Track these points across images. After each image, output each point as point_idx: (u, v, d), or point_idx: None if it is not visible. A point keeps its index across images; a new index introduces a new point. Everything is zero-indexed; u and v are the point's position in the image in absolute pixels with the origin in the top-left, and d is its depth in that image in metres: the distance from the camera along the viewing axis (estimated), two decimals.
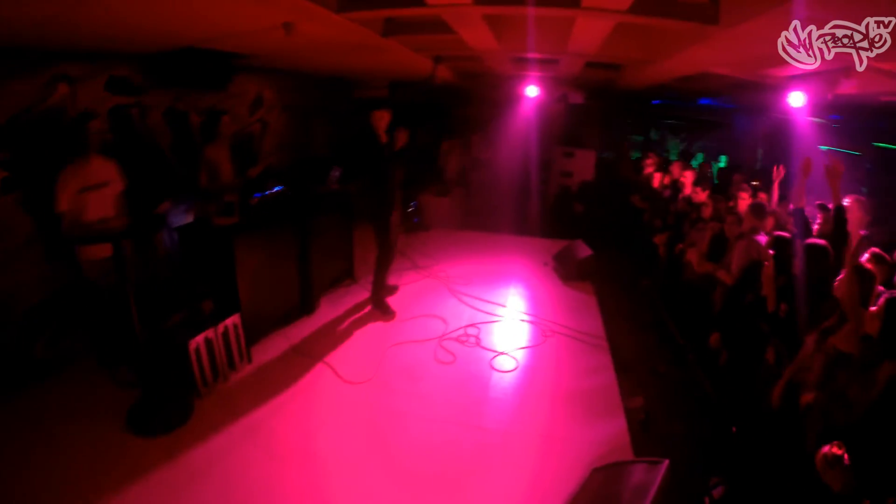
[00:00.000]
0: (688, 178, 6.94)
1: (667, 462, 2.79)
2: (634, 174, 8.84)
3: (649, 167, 8.36)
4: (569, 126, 10.01)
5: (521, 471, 3.45)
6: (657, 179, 7.84)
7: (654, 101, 9.83)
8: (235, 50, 5.00)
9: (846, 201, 4.60)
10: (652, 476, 2.77)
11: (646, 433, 3.86)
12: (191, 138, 5.65)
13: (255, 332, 4.74)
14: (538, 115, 9.75)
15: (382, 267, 5.63)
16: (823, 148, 8.36)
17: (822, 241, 3.78)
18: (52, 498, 3.05)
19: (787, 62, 4.89)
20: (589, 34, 4.84)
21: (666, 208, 6.97)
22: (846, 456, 2.45)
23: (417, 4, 3.90)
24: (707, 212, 6.04)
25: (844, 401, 2.78)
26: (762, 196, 5.91)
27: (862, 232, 4.53)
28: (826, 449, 2.52)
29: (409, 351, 4.90)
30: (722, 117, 10.01)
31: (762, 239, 4.74)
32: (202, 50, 4.77)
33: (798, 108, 6.39)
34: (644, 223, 7.52)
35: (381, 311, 5.60)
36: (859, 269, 3.25)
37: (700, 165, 8.21)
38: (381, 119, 5.31)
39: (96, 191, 4.08)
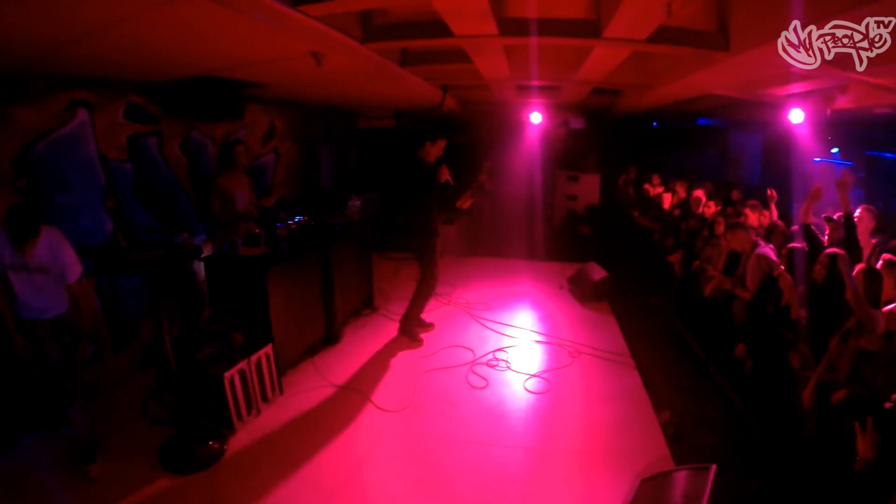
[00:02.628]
0: (701, 194, 7.05)
1: (714, 467, 2.85)
2: (638, 195, 8.97)
3: (656, 188, 8.49)
4: (571, 150, 10.16)
5: (572, 488, 3.43)
6: (667, 200, 7.95)
7: (654, 124, 10.04)
8: (254, 79, 5.03)
9: (857, 211, 4.76)
10: (701, 481, 2.84)
11: (677, 443, 3.90)
12: (208, 169, 5.66)
13: (285, 363, 4.66)
14: (541, 140, 9.88)
15: (423, 296, 5.62)
16: (817, 160, 8.60)
17: (840, 250, 3.92)
18: None
19: (788, 82, 5.09)
20: (602, 63, 4.95)
21: (677, 227, 7.06)
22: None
23: (444, 35, 3.96)
24: (720, 228, 6.12)
25: (873, 391, 2.99)
26: (764, 212, 6.07)
27: (873, 240, 4.69)
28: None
29: (442, 377, 4.85)
30: (719, 136, 10.24)
31: (771, 252, 4.85)
32: (216, 79, 4.78)
33: (797, 125, 6.57)
34: (654, 243, 7.61)
35: (410, 338, 5.58)
36: (868, 272, 3.51)
37: (705, 184, 8.34)
38: (437, 147, 5.38)
39: None
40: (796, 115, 6.46)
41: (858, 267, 3.63)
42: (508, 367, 5.03)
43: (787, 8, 2.88)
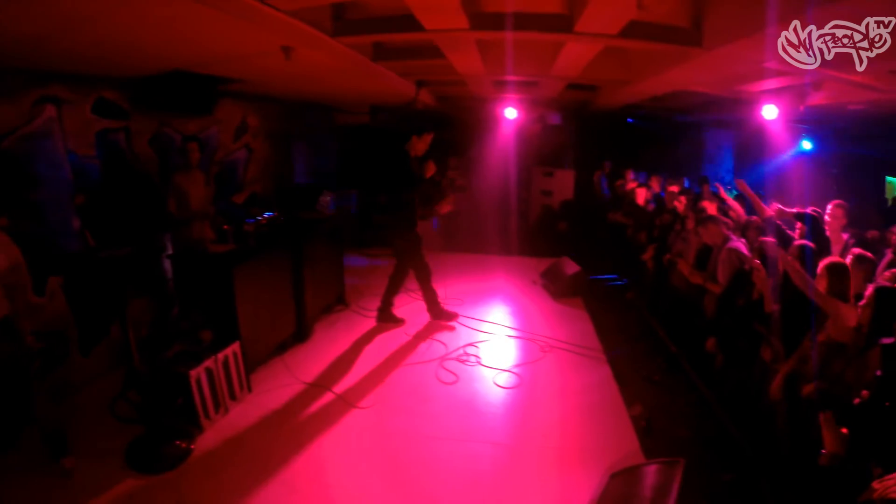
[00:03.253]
0: (675, 189, 7.13)
1: (683, 461, 2.89)
2: (611, 190, 9.05)
3: (630, 183, 8.56)
4: (547, 146, 10.21)
5: (541, 483, 3.44)
6: (641, 195, 8.02)
7: (629, 120, 10.12)
8: (228, 74, 4.97)
9: (829, 207, 4.84)
10: (670, 476, 2.86)
11: (649, 437, 3.93)
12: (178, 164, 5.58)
13: (253, 360, 4.62)
14: (517, 136, 9.92)
15: (395, 285, 5.87)
16: (791, 155, 8.77)
17: (810, 243, 3.98)
18: None
19: (762, 77, 5.16)
20: (576, 58, 4.97)
21: (651, 222, 7.13)
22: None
23: (415, 29, 3.95)
24: (691, 223, 6.19)
25: (842, 385, 2.99)
26: (735, 204, 6.15)
27: (845, 235, 4.75)
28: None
29: (412, 373, 4.86)
30: (694, 133, 10.36)
31: (742, 247, 4.91)
32: (189, 74, 4.71)
33: (771, 121, 6.67)
34: (627, 238, 7.68)
35: (389, 321, 5.81)
36: (830, 266, 3.49)
37: (679, 180, 8.43)
38: (423, 142, 5.56)
39: None
40: (770, 112, 6.55)
41: (824, 261, 3.62)
42: (479, 363, 5.04)
43: (760, 5, 2.92)
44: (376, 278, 7.05)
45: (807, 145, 8.81)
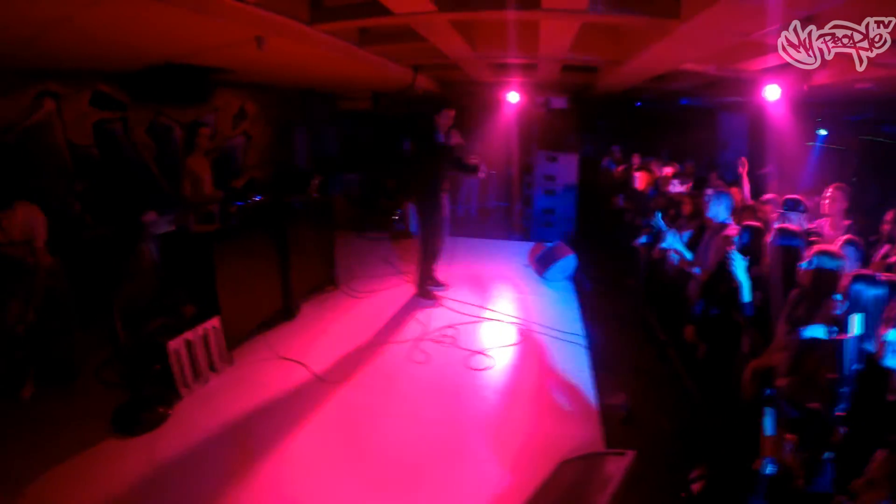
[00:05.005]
0: (667, 172, 7.03)
1: (632, 454, 2.79)
2: (616, 176, 8.96)
3: (634, 168, 8.47)
4: (552, 130, 10.13)
5: (494, 465, 3.50)
6: (641, 179, 7.94)
7: (636, 104, 9.97)
8: (214, 64, 5.17)
9: (828, 190, 4.67)
10: (619, 467, 2.78)
11: (627, 427, 3.91)
12: (175, 152, 5.84)
13: (237, 336, 4.86)
14: (521, 120, 9.90)
15: (426, 256, 6.14)
16: (810, 144, 8.48)
17: (794, 227, 3.82)
18: (33, 493, 3.16)
19: (756, 54, 5.02)
20: (556, 36, 4.96)
21: (647, 206, 7.06)
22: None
23: (385, 14, 4.04)
24: (687, 209, 6.11)
25: (814, 384, 2.81)
26: (734, 191, 5.99)
27: (846, 222, 4.54)
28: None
29: (387, 352, 5.00)
30: (706, 118, 10.11)
31: (733, 231, 4.81)
32: (181, 65, 4.93)
33: (776, 102, 6.45)
34: (626, 223, 7.63)
35: (424, 296, 6.18)
36: (820, 253, 3.22)
37: (685, 164, 8.29)
38: (444, 117, 5.89)
39: None
40: (772, 92, 6.32)
41: (814, 247, 3.40)
42: (454, 345, 5.13)
43: None
44: (372, 261, 7.25)
45: (823, 132, 8.50)
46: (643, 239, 6.55)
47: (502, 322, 5.68)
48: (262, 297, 5.26)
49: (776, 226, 3.95)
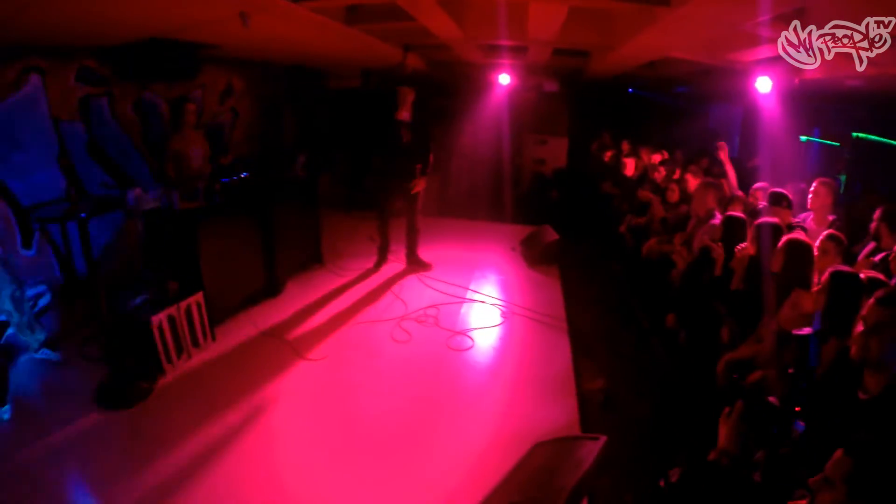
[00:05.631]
0: (655, 159, 7.07)
1: (604, 438, 2.79)
2: (606, 161, 9.00)
3: (624, 154, 8.51)
4: (542, 114, 10.13)
5: (469, 445, 3.53)
6: (630, 166, 7.98)
7: (629, 90, 9.96)
8: (199, 40, 5.12)
9: (813, 185, 4.66)
10: (590, 451, 2.78)
11: (606, 413, 3.94)
12: (162, 128, 5.81)
13: (220, 313, 4.90)
14: (511, 102, 9.89)
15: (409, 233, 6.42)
16: (803, 139, 8.48)
17: (774, 220, 3.84)
18: (15, 469, 3.19)
19: (746, 45, 5.03)
20: (545, 19, 4.94)
21: (634, 193, 7.13)
22: None
23: None
24: (673, 196, 6.18)
25: (789, 379, 2.80)
26: (722, 181, 6.03)
27: (830, 217, 4.55)
28: None
29: (368, 330, 5.06)
30: (699, 108, 10.11)
31: (717, 221, 4.84)
32: (167, 41, 4.88)
33: (767, 95, 6.45)
34: (614, 208, 7.69)
35: (420, 266, 6.40)
36: (789, 243, 3.29)
37: (676, 152, 8.30)
38: (406, 95, 5.90)
39: None
40: (763, 84, 6.33)
41: (785, 237, 3.49)
42: (436, 325, 5.19)
43: None
44: (358, 240, 7.27)
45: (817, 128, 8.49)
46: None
47: (485, 304, 5.73)
48: (247, 274, 5.30)
49: (757, 220, 3.94)
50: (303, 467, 3.32)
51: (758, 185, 5.44)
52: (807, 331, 2.82)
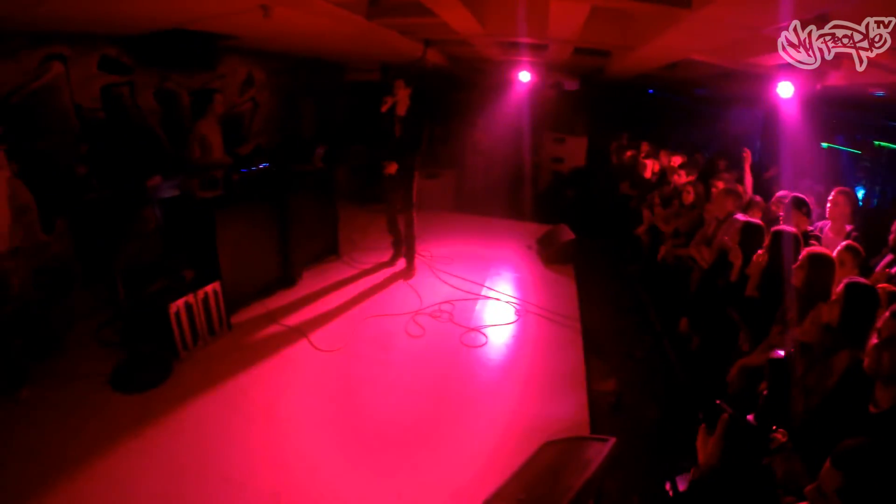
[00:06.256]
0: (675, 162, 7.00)
1: (613, 440, 2.79)
2: (623, 161, 8.93)
3: (643, 155, 8.43)
4: (561, 112, 10.06)
5: (478, 441, 3.54)
6: (649, 168, 7.92)
7: (649, 91, 9.87)
8: (221, 31, 5.17)
9: (831, 194, 4.59)
10: (599, 452, 2.77)
11: (616, 414, 3.93)
12: (181, 117, 5.86)
13: (236, 301, 4.94)
14: (531, 100, 9.81)
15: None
16: (825, 146, 8.34)
17: (792, 229, 3.75)
18: (28, 450, 3.26)
19: (769, 50, 4.97)
20: (567, 18, 4.92)
21: (652, 195, 7.06)
22: (790, 444, 2.43)
23: None
24: (689, 198, 6.12)
25: (803, 389, 2.75)
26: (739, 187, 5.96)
27: (848, 227, 4.45)
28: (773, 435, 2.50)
29: (382, 324, 5.08)
30: (720, 111, 9.98)
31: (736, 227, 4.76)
32: (189, 31, 4.94)
33: (789, 100, 6.35)
34: (631, 210, 7.63)
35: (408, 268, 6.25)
36: (811, 256, 3.19)
37: (695, 154, 8.22)
38: (398, 88, 5.80)
39: None
40: (785, 89, 6.22)
41: (806, 249, 3.37)
42: (450, 321, 5.19)
43: None
44: (373, 232, 7.28)
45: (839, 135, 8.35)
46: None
47: (500, 301, 5.72)
48: (263, 264, 5.34)
49: (774, 228, 3.86)
50: (312, 457, 3.34)
51: (780, 193, 5.36)
52: (777, 355, 2.80)
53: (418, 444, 3.52)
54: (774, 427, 2.48)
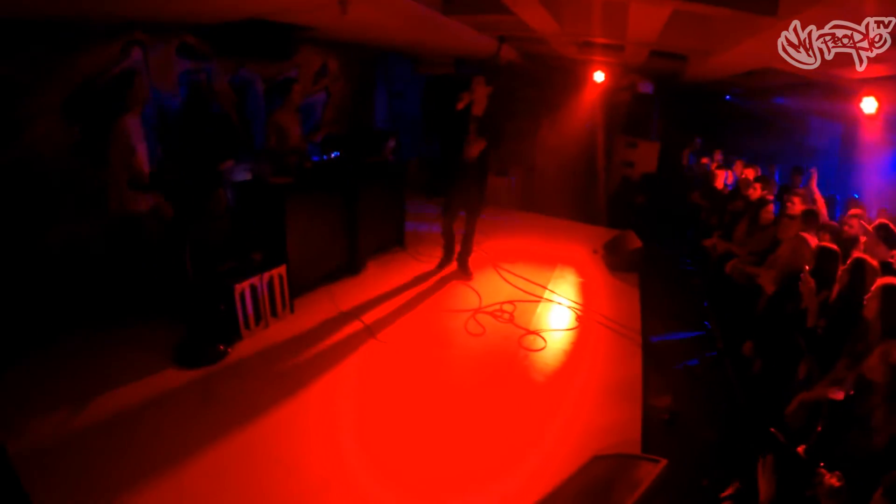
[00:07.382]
0: (749, 174, 6.69)
1: (664, 462, 2.69)
2: (696, 169, 8.61)
3: (715, 165, 8.11)
4: (634, 115, 9.77)
5: (528, 447, 3.48)
6: (720, 178, 7.61)
7: (726, 97, 9.45)
8: (297, 22, 5.29)
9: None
10: (648, 473, 2.69)
11: (670, 432, 3.80)
12: (257, 104, 6.05)
13: (301, 285, 5.06)
14: (604, 102, 9.60)
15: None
16: None
17: (869, 259, 3.49)
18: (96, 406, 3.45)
19: (851, 62, 4.67)
20: (646, 20, 4.81)
21: (724, 207, 6.77)
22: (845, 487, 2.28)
23: None
24: (768, 217, 5.78)
25: (866, 428, 2.61)
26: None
27: None
28: (828, 478, 2.34)
29: (443, 319, 5.07)
30: (797, 121, 9.46)
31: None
32: (264, 22, 5.08)
33: (872, 116, 5.92)
34: (701, 221, 7.35)
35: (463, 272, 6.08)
36: (885, 288, 2.99)
37: (770, 169, 7.81)
38: (476, 85, 5.53)
39: None
40: (868, 105, 5.79)
41: (879, 280, 3.13)
42: (511, 321, 5.13)
43: None
44: (439, 227, 7.27)
45: None
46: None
47: (561, 305, 5.62)
48: (329, 250, 5.44)
49: (855, 254, 3.61)
50: (363, 446, 3.36)
51: (853, 211, 5.04)
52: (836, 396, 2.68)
53: (469, 444, 3.47)
54: (822, 464, 2.37)
